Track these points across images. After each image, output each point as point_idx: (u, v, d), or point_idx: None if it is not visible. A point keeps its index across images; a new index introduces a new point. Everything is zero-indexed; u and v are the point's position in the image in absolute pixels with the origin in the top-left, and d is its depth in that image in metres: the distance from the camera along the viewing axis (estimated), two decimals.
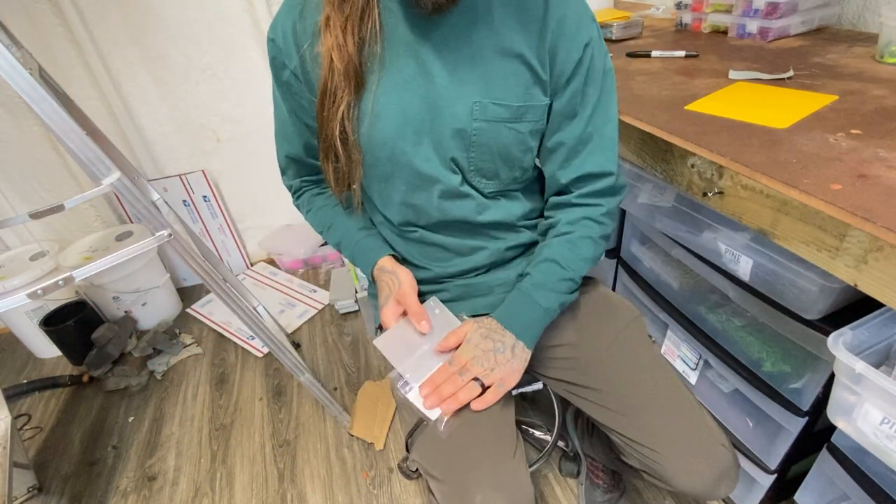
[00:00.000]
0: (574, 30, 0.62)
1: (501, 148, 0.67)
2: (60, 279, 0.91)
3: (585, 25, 0.63)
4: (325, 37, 0.60)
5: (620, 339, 0.75)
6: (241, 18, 1.69)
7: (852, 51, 0.98)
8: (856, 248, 0.53)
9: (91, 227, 1.91)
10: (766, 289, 0.81)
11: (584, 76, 0.65)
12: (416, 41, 0.62)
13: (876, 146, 0.63)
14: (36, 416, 1.59)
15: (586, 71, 0.64)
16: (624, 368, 0.72)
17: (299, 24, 0.64)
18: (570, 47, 0.63)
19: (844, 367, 0.61)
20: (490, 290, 0.80)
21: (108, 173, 0.91)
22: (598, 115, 0.68)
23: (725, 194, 0.68)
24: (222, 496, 1.28)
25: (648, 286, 1.13)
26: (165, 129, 1.82)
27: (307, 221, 0.85)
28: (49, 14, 1.53)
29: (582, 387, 0.74)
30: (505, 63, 0.63)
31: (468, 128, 0.65)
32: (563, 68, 0.64)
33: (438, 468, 0.67)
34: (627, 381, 0.71)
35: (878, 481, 0.72)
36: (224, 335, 1.82)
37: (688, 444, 0.65)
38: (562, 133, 0.68)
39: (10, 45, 0.82)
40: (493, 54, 0.63)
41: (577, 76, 0.64)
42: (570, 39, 0.62)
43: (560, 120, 0.68)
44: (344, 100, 0.62)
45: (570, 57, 0.63)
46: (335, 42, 0.59)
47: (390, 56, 0.63)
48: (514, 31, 0.62)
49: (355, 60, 0.61)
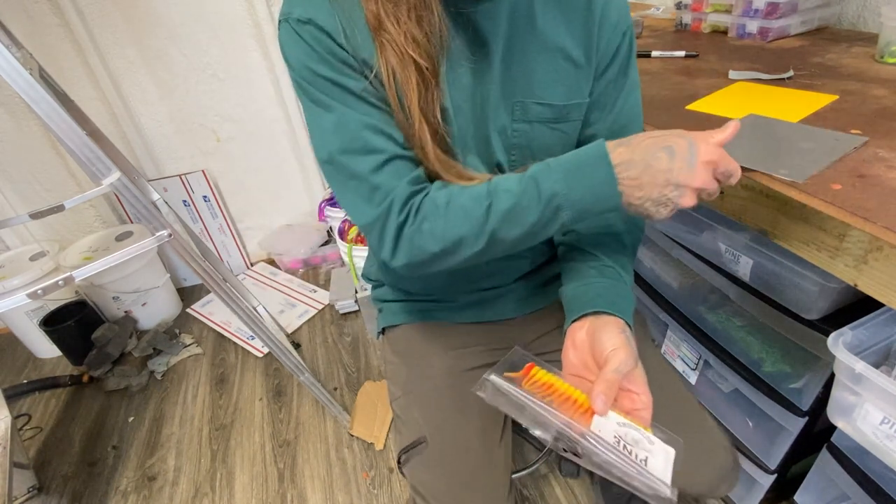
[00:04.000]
0: (616, 16, 0.60)
1: (544, 151, 0.59)
2: (60, 279, 0.91)
3: (624, 12, 0.61)
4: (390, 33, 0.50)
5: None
6: (241, 18, 1.69)
7: (852, 51, 0.98)
8: (856, 248, 0.53)
9: (91, 227, 1.91)
10: (766, 289, 0.81)
11: (619, 65, 0.62)
12: (467, 37, 0.56)
13: (876, 146, 0.63)
14: (36, 416, 1.59)
15: (622, 59, 0.62)
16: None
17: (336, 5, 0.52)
18: (612, 34, 0.60)
19: (844, 367, 0.61)
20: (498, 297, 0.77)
21: (108, 173, 0.91)
22: (629, 107, 0.65)
23: (725, 194, 0.68)
24: (222, 496, 1.28)
25: (648, 286, 1.13)
26: (165, 129, 1.82)
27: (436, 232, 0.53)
28: (49, 14, 1.53)
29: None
30: (547, 59, 0.59)
31: (508, 129, 0.60)
32: (603, 57, 0.61)
33: (430, 493, 0.66)
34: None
35: (878, 481, 0.72)
36: (224, 335, 1.82)
37: (690, 447, 0.65)
38: (594, 126, 0.65)
39: (10, 45, 0.82)
40: (533, 49, 0.58)
41: (613, 64, 0.62)
42: (612, 26, 0.60)
43: (592, 111, 0.64)
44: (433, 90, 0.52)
45: (611, 45, 0.60)
46: (408, 35, 0.50)
47: (450, 51, 0.55)
48: (557, 23, 0.58)
49: (432, 55, 0.51)
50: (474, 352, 0.77)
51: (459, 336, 0.79)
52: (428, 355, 0.78)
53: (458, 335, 0.79)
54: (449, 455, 0.68)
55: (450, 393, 0.73)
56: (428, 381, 0.75)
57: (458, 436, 0.69)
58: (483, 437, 0.69)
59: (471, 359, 0.77)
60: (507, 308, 0.77)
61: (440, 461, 0.67)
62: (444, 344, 0.78)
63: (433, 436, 0.69)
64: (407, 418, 0.73)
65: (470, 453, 0.67)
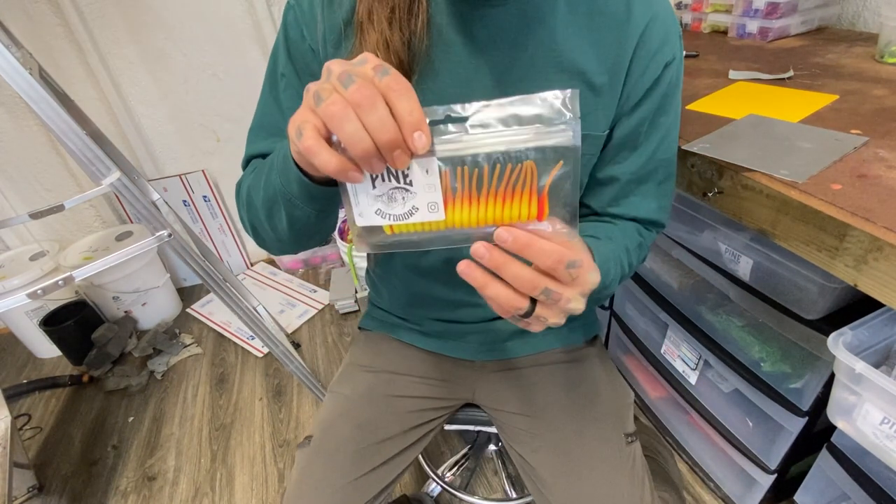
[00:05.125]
0: (658, 42, 0.51)
1: None
2: (60, 279, 0.91)
3: (672, 39, 0.52)
4: (368, 34, 0.48)
5: (586, 435, 0.66)
6: (241, 18, 1.69)
7: (852, 51, 0.98)
8: (856, 248, 0.53)
9: (91, 227, 1.91)
10: (766, 289, 0.81)
11: (658, 102, 0.54)
12: (461, 41, 0.51)
13: (876, 146, 0.63)
14: (36, 416, 1.59)
15: (661, 96, 0.54)
16: (575, 471, 0.64)
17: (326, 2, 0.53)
18: (650, 63, 0.52)
19: (844, 367, 0.61)
20: (462, 335, 0.74)
21: (108, 173, 0.91)
22: (662, 152, 0.56)
23: (725, 194, 0.68)
24: (222, 496, 1.28)
25: (648, 286, 1.13)
26: (165, 129, 1.82)
27: (240, 200, 0.60)
28: (49, 14, 1.53)
29: (531, 466, 0.68)
30: (560, 81, 0.51)
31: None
32: (634, 88, 0.53)
33: (290, 484, 0.67)
34: (575, 488, 0.63)
35: (878, 481, 0.72)
36: (224, 335, 1.82)
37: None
38: (617, 166, 0.57)
39: (10, 45, 0.82)
40: (547, 66, 0.51)
41: (648, 100, 0.53)
42: (650, 53, 0.51)
43: (618, 150, 0.56)
44: None
45: (647, 75, 0.52)
46: (380, 39, 0.48)
47: (436, 57, 0.51)
48: (582, 39, 0.51)
49: (405, 61, 0.49)
50: (416, 380, 0.76)
51: (415, 361, 0.77)
52: (370, 368, 0.78)
53: (413, 360, 0.78)
54: (318, 460, 0.67)
55: (358, 408, 0.72)
56: (349, 388, 0.76)
57: (336, 449, 0.68)
58: (358, 461, 0.67)
59: (409, 386, 0.75)
60: (468, 349, 0.75)
61: (309, 463, 0.68)
62: (395, 364, 0.77)
63: (317, 440, 0.69)
64: (318, 411, 0.76)
65: (336, 472, 0.66)
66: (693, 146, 0.69)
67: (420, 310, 0.75)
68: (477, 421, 0.81)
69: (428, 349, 0.78)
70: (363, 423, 0.70)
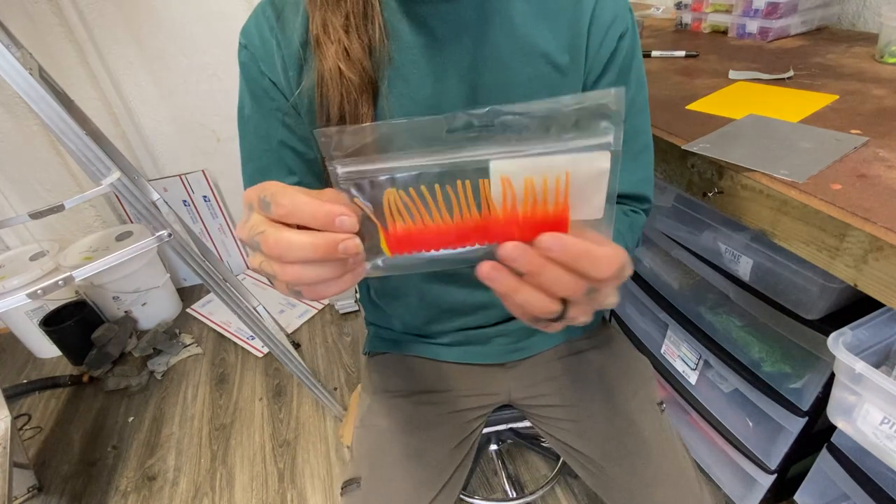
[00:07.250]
0: (610, 16, 0.53)
1: None
2: (60, 279, 0.91)
3: (622, 12, 0.54)
4: (326, 47, 0.47)
5: (625, 412, 0.69)
6: (241, 18, 1.68)
7: (852, 51, 0.98)
8: (856, 248, 0.52)
9: (91, 227, 1.91)
10: (766, 289, 0.81)
11: (617, 73, 0.55)
12: (422, 42, 0.50)
13: (876, 146, 0.63)
14: (36, 416, 1.59)
15: (619, 67, 0.55)
16: (625, 446, 0.66)
17: (277, 26, 0.53)
18: (605, 37, 0.53)
19: (844, 367, 0.61)
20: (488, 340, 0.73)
21: (108, 173, 0.91)
22: (630, 122, 0.57)
23: (725, 194, 0.68)
24: (222, 496, 1.28)
25: (648, 286, 1.13)
26: (165, 129, 1.82)
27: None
28: (49, 14, 1.53)
29: (579, 452, 0.70)
30: (527, 65, 0.52)
31: None
32: (594, 63, 0.54)
33: None
34: (627, 461, 0.65)
35: (878, 481, 0.72)
36: (224, 335, 1.82)
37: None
38: None
39: (10, 45, 0.82)
40: (512, 54, 0.52)
41: (608, 72, 0.55)
42: (604, 27, 0.53)
43: None
44: (368, 119, 0.49)
45: (603, 49, 0.54)
46: (339, 49, 0.47)
47: (400, 62, 0.51)
48: (539, 24, 0.52)
49: (368, 68, 0.48)
50: (452, 395, 0.73)
51: (441, 377, 0.75)
52: (400, 393, 0.74)
53: (440, 376, 0.75)
54: (377, 501, 0.64)
55: (402, 438, 0.69)
56: (385, 419, 0.71)
57: (391, 486, 0.65)
58: (420, 493, 0.65)
59: (447, 403, 0.73)
60: (494, 352, 0.74)
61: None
62: (427, 382, 0.74)
63: (367, 479, 0.66)
64: (355, 449, 0.71)
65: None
66: (693, 146, 0.69)
67: (439, 324, 0.72)
68: (503, 420, 0.82)
69: (456, 361, 0.75)
70: (412, 454, 0.67)
